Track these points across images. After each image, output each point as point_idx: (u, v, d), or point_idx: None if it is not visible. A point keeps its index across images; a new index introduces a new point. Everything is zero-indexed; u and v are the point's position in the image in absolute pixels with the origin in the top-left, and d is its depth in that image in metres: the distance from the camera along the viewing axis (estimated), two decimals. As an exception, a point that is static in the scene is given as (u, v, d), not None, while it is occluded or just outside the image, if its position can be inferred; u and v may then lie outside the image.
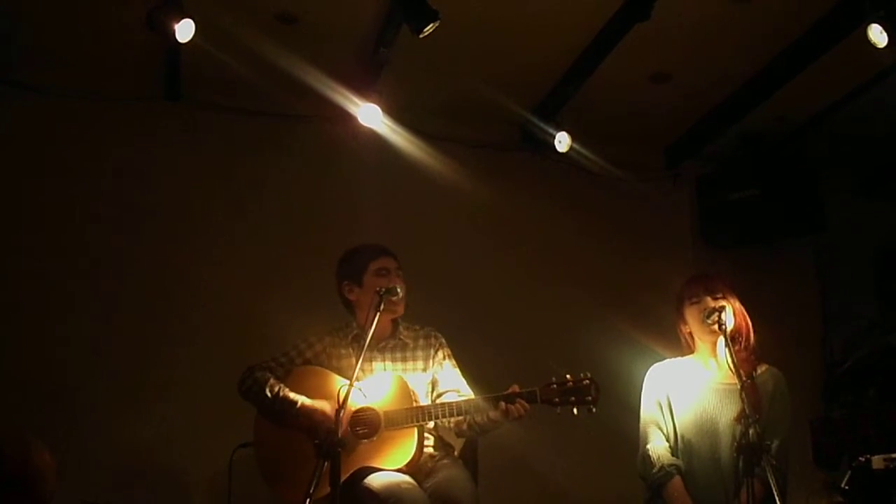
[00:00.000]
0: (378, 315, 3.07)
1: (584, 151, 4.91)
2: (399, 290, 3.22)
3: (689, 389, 3.34)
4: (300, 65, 4.30)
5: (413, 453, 3.09)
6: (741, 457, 2.80)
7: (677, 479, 3.19)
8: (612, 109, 4.94)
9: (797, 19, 4.14)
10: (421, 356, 3.41)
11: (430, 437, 3.30)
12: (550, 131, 4.78)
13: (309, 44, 4.25)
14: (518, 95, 4.81)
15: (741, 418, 3.03)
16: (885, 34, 3.63)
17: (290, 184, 4.77)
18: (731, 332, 3.24)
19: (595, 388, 3.04)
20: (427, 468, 3.18)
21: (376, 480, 2.99)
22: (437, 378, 3.40)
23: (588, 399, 3.03)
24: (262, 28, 4.11)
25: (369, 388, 3.23)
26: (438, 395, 3.36)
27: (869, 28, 3.66)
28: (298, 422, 3.18)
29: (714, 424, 3.25)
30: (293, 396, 3.20)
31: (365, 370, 3.32)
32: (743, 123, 5.03)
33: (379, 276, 3.33)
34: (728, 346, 3.09)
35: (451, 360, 3.45)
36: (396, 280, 3.34)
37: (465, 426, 3.25)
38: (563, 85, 4.67)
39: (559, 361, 4.21)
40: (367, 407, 3.18)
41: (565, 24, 4.17)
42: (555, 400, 3.05)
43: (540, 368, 3.33)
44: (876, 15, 3.63)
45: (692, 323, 3.36)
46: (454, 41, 4.11)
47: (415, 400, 3.20)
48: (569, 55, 4.45)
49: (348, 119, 4.56)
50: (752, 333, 3.34)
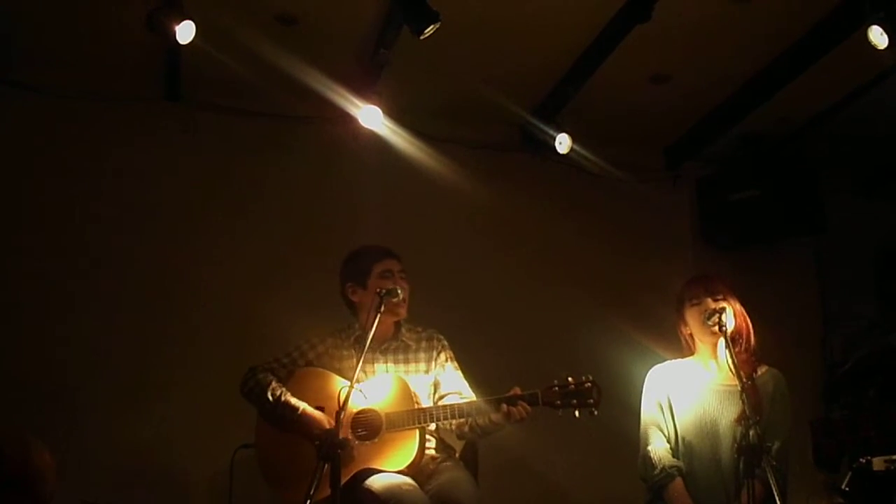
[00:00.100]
0: (378, 317, 3.06)
1: (584, 152, 4.90)
2: (399, 291, 3.20)
3: (689, 391, 3.34)
4: (300, 66, 4.30)
5: (414, 455, 3.08)
6: (742, 458, 2.80)
7: (678, 481, 3.19)
8: (612, 110, 4.94)
9: (797, 20, 4.14)
10: (423, 358, 3.41)
11: (431, 440, 3.30)
12: (551, 132, 4.77)
13: (309, 45, 4.24)
14: (518, 96, 4.81)
15: (742, 420, 3.03)
16: (885, 35, 3.62)
17: (290, 185, 4.77)
18: (732, 333, 3.24)
19: (597, 390, 3.04)
20: (428, 470, 3.17)
21: (377, 482, 2.99)
22: (439, 380, 3.40)
23: (590, 402, 3.03)
24: (262, 29, 4.11)
25: (371, 390, 3.23)
26: (440, 397, 3.35)
27: (869, 29, 3.66)
28: (298, 427, 3.16)
29: (715, 426, 3.24)
30: (294, 402, 3.19)
31: (367, 372, 3.32)
32: (743, 124, 5.02)
33: (383, 278, 3.33)
34: (728, 347, 3.09)
35: (453, 363, 3.44)
36: (400, 282, 3.33)
37: (466, 428, 3.25)
38: (564, 86, 4.66)
39: (559, 362, 4.21)
40: (369, 409, 3.17)
41: (565, 25, 4.17)
42: (556, 402, 3.05)
43: (540, 369, 3.32)
44: (876, 16, 3.63)
45: (692, 324, 3.36)
46: (454, 42, 4.11)
47: (416, 402, 3.19)
48: (569, 56, 4.45)
49: (349, 120, 4.55)
50: (752, 335, 3.34)
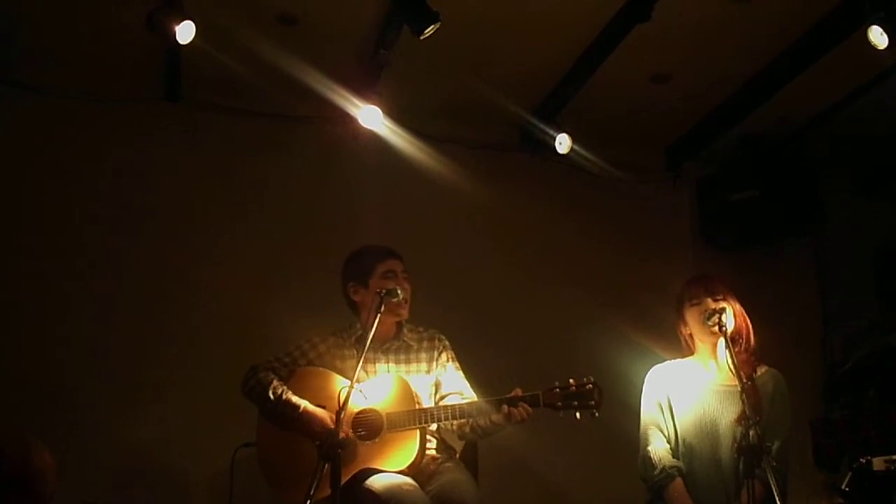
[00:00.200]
0: (379, 317, 3.05)
1: (584, 153, 4.90)
2: (400, 292, 3.19)
3: (689, 391, 3.34)
4: (300, 66, 4.30)
5: (415, 455, 3.08)
6: (742, 458, 2.80)
7: (678, 481, 3.19)
8: (612, 110, 4.94)
9: (797, 20, 4.14)
10: (424, 358, 3.40)
11: (432, 440, 3.29)
12: (551, 132, 4.77)
13: (309, 45, 4.24)
14: (518, 97, 4.81)
15: (742, 420, 3.03)
16: (885, 36, 3.62)
17: (290, 185, 4.77)
18: (732, 333, 3.23)
19: (598, 392, 3.04)
20: (429, 471, 3.17)
21: (378, 482, 2.99)
22: (440, 380, 3.40)
23: (591, 403, 3.02)
24: (262, 29, 4.11)
25: (372, 390, 3.23)
26: (442, 398, 3.35)
27: (869, 29, 3.65)
28: (299, 426, 3.16)
29: (715, 426, 3.24)
30: (296, 400, 3.18)
31: (368, 371, 3.32)
32: (743, 124, 5.02)
33: (385, 278, 3.32)
34: (728, 347, 3.09)
35: (454, 363, 3.44)
36: (403, 283, 3.33)
37: (467, 429, 3.25)
38: (564, 86, 4.66)
39: (559, 363, 4.22)
40: (370, 409, 3.17)
41: (565, 25, 4.17)
42: (557, 404, 3.04)
43: (540, 370, 3.32)
44: (876, 16, 3.62)
45: (692, 324, 3.36)
46: (455, 43, 4.11)
47: (417, 402, 3.19)
48: (569, 56, 4.45)
49: (349, 120, 4.55)
50: (752, 335, 3.34)
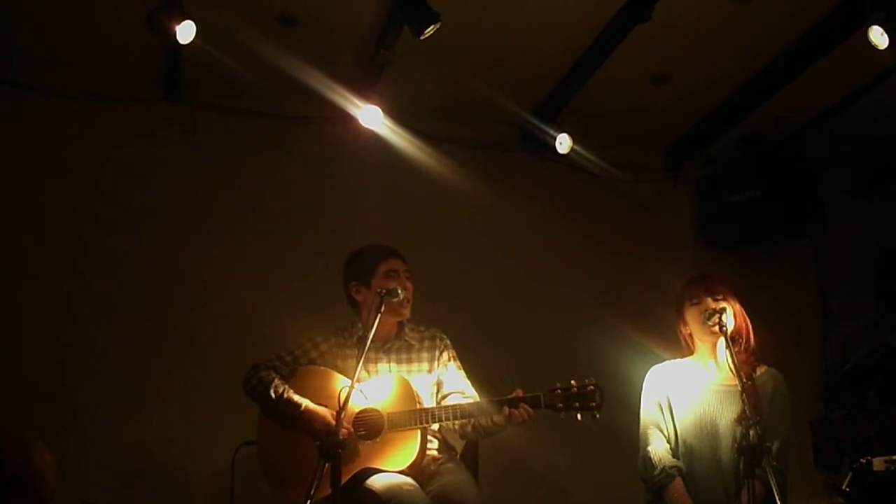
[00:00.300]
0: (379, 317, 3.05)
1: (584, 153, 4.90)
2: (400, 292, 3.19)
3: (689, 391, 3.34)
4: (301, 66, 4.30)
5: (416, 456, 3.08)
6: (742, 458, 2.80)
7: (678, 481, 3.19)
8: (612, 110, 4.94)
9: (797, 20, 4.14)
10: (426, 357, 3.40)
11: (434, 440, 3.29)
12: (551, 132, 4.77)
13: (309, 45, 4.24)
14: (518, 97, 4.81)
15: (742, 420, 3.02)
16: (885, 36, 3.62)
17: (290, 185, 4.77)
18: (732, 333, 3.23)
19: (599, 393, 3.03)
20: (430, 471, 3.17)
21: (378, 482, 2.99)
22: (441, 379, 3.39)
23: (592, 405, 3.01)
24: (262, 29, 4.11)
25: (373, 390, 3.22)
26: (443, 397, 3.35)
27: (870, 30, 3.65)
28: (300, 425, 3.16)
29: (714, 426, 3.24)
30: (297, 399, 3.18)
31: (370, 371, 3.33)
32: (743, 124, 5.02)
33: (388, 277, 3.32)
34: (729, 347, 3.09)
35: (455, 362, 3.44)
36: (405, 282, 3.33)
37: (469, 428, 3.25)
38: (564, 86, 4.67)
39: (560, 363, 4.22)
40: (371, 408, 3.17)
41: (566, 25, 4.17)
42: (559, 405, 3.04)
43: (541, 369, 3.32)
44: (876, 17, 3.62)
45: (692, 324, 3.36)
46: (455, 42, 4.11)
47: (418, 402, 3.19)
48: (569, 56, 4.45)
49: (349, 120, 4.55)
50: (752, 335, 3.34)
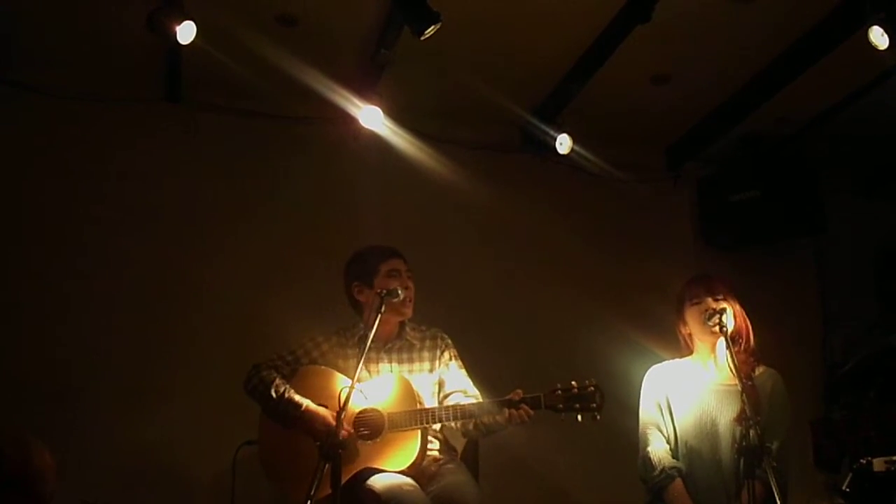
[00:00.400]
0: (379, 317, 3.05)
1: (584, 153, 4.91)
2: (401, 292, 3.19)
3: (688, 391, 3.34)
4: (301, 66, 4.30)
5: (416, 456, 3.08)
6: (742, 458, 2.80)
7: (678, 482, 3.19)
8: (612, 111, 4.94)
9: (798, 20, 4.14)
10: (427, 357, 3.40)
11: (434, 441, 3.29)
12: (551, 133, 4.77)
13: (310, 45, 4.25)
14: (519, 97, 4.81)
15: (741, 419, 3.02)
16: (886, 36, 3.62)
17: (291, 185, 4.76)
18: (732, 333, 3.23)
19: (600, 394, 3.02)
20: (430, 472, 3.17)
21: (378, 482, 2.99)
22: (443, 379, 3.40)
23: (593, 406, 3.01)
24: (262, 30, 4.11)
25: (374, 390, 3.23)
26: (445, 396, 3.35)
27: (870, 30, 3.66)
28: (301, 425, 3.16)
29: (714, 426, 3.24)
30: (298, 399, 3.19)
31: (371, 371, 3.33)
32: (743, 124, 5.02)
33: (390, 277, 3.32)
34: (729, 347, 3.09)
35: (457, 361, 3.44)
36: (406, 282, 3.34)
37: (470, 426, 3.25)
38: (564, 86, 4.67)
39: (560, 363, 4.23)
40: (371, 408, 3.17)
41: (566, 25, 4.17)
42: (559, 406, 3.03)
43: (541, 369, 3.32)
44: (877, 17, 3.63)
45: (692, 324, 3.36)
46: (455, 43, 4.11)
47: (419, 402, 3.19)
48: (569, 56, 4.45)
49: (349, 121, 4.55)
50: (751, 335, 3.34)
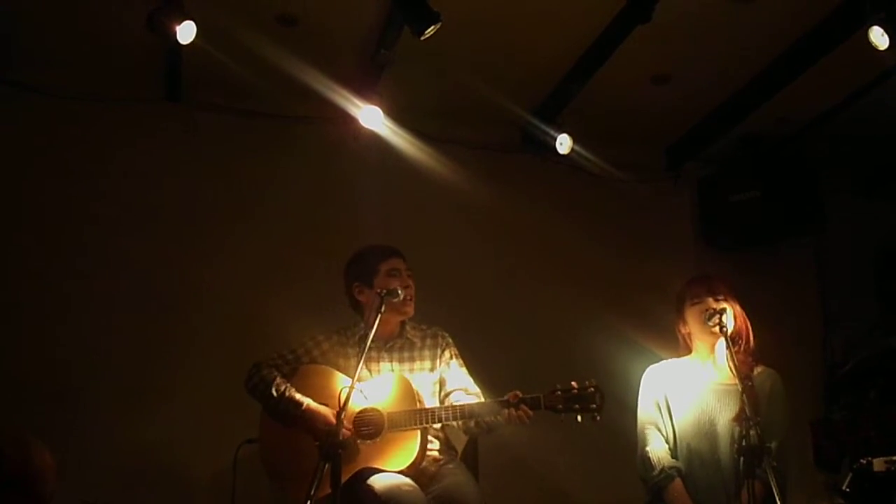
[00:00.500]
0: (379, 317, 3.05)
1: (584, 153, 4.91)
2: (401, 292, 3.19)
3: (687, 390, 3.34)
4: (301, 66, 4.30)
5: (415, 456, 3.08)
6: (742, 458, 2.79)
7: (678, 482, 3.19)
8: (612, 111, 4.94)
9: (798, 20, 4.14)
10: (428, 356, 3.40)
11: (435, 441, 3.29)
12: (551, 133, 4.78)
13: (310, 45, 4.25)
14: (519, 97, 4.81)
15: (740, 419, 3.02)
16: (886, 36, 3.62)
17: (291, 185, 4.77)
18: (732, 334, 3.22)
19: (600, 395, 3.01)
20: (430, 472, 3.17)
21: (377, 482, 2.99)
22: (444, 377, 3.40)
23: (592, 406, 2.99)
24: (262, 29, 4.11)
25: (374, 389, 3.23)
26: (446, 395, 3.35)
27: (870, 30, 3.66)
28: (302, 423, 3.16)
29: (713, 425, 3.24)
30: (299, 397, 3.19)
31: (372, 370, 3.33)
32: (743, 124, 5.02)
33: (390, 276, 3.32)
34: (729, 347, 3.09)
35: (457, 360, 3.44)
36: (407, 281, 3.33)
37: (472, 423, 3.24)
38: (564, 86, 4.67)
39: (560, 362, 4.22)
40: (371, 408, 3.17)
41: (566, 25, 4.17)
42: (558, 406, 3.02)
43: (541, 369, 3.32)
44: (877, 17, 3.63)
45: (692, 323, 3.36)
46: (455, 43, 4.11)
47: (419, 401, 3.19)
48: (570, 56, 4.45)
49: (349, 120, 4.55)
50: (751, 336, 3.33)
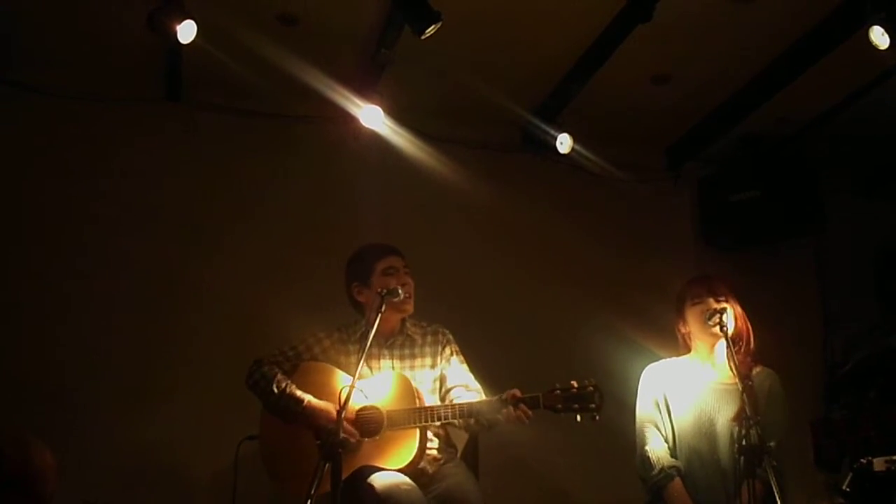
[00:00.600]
0: (380, 317, 3.05)
1: (585, 153, 4.91)
2: (401, 291, 3.19)
3: (686, 389, 3.34)
4: (301, 66, 4.30)
5: (414, 454, 3.08)
6: (742, 458, 2.80)
7: (677, 481, 3.19)
8: (613, 111, 4.94)
9: (798, 20, 4.14)
10: (429, 353, 3.40)
11: (434, 440, 3.29)
12: (552, 132, 4.78)
13: (310, 45, 4.25)
14: (519, 97, 4.81)
15: (740, 419, 3.02)
16: (886, 36, 3.62)
17: (291, 185, 4.77)
18: (732, 335, 3.22)
19: (599, 395, 2.99)
20: (430, 472, 3.17)
21: (376, 480, 2.98)
22: (444, 374, 3.39)
23: (591, 406, 2.98)
24: (263, 29, 4.11)
25: (374, 387, 3.23)
26: (447, 391, 3.35)
27: (871, 30, 3.66)
28: (303, 420, 3.17)
29: (712, 425, 3.24)
30: (300, 394, 3.19)
31: (372, 367, 3.33)
32: (743, 124, 5.03)
33: (386, 275, 3.31)
34: (730, 347, 3.09)
35: (458, 356, 3.44)
36: (404, 278, 3.33)
37: (472, 420, 3.24)
38: (565, 86, 4.67)
39: (560, 362, 4.22)
40: (371, 406, 3.17)
41: (566, 25, 4.17)
42: (557, 406, 3.00)
43: (541, 369, 3.32)
44: (877, 17, 3.63)
45: (693, 323, 3.36)
46: (456, 43, 4.11)
47: (418, 399, 3.19)
48: (570, 56, 4.45)
49: (350, 120, 4.56)
50: (752, 337, 3.33)
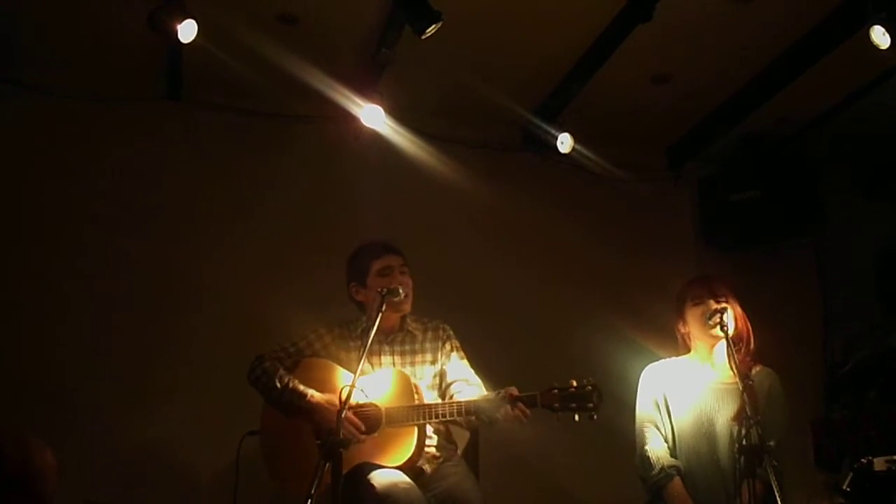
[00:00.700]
0: (380, 316, 3.06)
1: (585, 152, 4.91)
2: (401, 290, 3.19)
3: (686, 389, 3.34)
4: (302, 65, 4.30)
5: (412, 452, 3.08)
6: (742, 457, 2.80)
7: (677, 481, 3.19)
8: (613, 110, 4.94)
9: (799, 20, 4.14)
10: (430, 349, 3.41)
11: (433, 438, 3.29)
12: (552, 132, 4.78)
13: (311, 44, 4.25)
14: (520, 96, 4.81)
15: (740, 418, 3.02)
16: (887, 36, 3.62)
17: (291, 184, 4.77)
18: (733, 336, 3.22)
19: (597, 394, 2.97)
20: (429, 471, 3.18)
21: (374, 478, 2.99)
22: (445, 369, 3.40)
23: (590, 405, 2.96)
24: (263, 28, 4.11)
25: (373, 384, 3.23)
26: (448, 386, 3.36)
27: (871, 29, 3.65)
28: (305, 414, 3.18)
29: (712, 425, 3.24)
30: (302, 389, 3.21)
31: (373, 364, 3.34)
32: (744, 124, 5.02)
33: (382, 275, 3.32)
34: (730, 347, 3.09)
35: (458, 352, 3.45)
36: (401, 278, 3.33)
37: (472, 417, 3.24)
38: (565, 86, 4.67)
39: (560, 361, 4.22)
40: (369, 403, 3.18)
41: (567, 25, 4.18)
42: (555, 405, 2.98)
43: (541, 368, 3.31)
44: (878, 17, 3.63)
45: (693, 323, 3.36)
46: (457, 42, 4.11)
47: (417, 396, 3.19)
48: (571, 56, 4.45)
49: (350, 119, 4.56)
50: (752, 338, 3.33)
